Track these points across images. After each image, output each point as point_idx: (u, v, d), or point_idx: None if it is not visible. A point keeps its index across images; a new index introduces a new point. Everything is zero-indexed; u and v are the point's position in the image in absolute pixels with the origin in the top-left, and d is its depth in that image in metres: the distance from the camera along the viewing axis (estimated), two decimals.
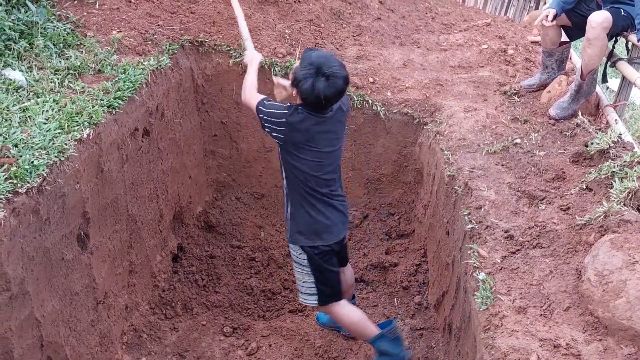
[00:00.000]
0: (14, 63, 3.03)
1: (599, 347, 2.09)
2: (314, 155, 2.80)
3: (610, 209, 2.56)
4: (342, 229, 3.05)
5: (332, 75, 2.59)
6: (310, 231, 2.95)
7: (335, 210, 2.96)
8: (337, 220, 2.98)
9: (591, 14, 3.43)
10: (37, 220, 2.33)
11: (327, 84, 2.58)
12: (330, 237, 2.98)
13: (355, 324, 3.13)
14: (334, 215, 2.96)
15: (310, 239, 2.96)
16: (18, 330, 2.26)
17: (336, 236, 3.01)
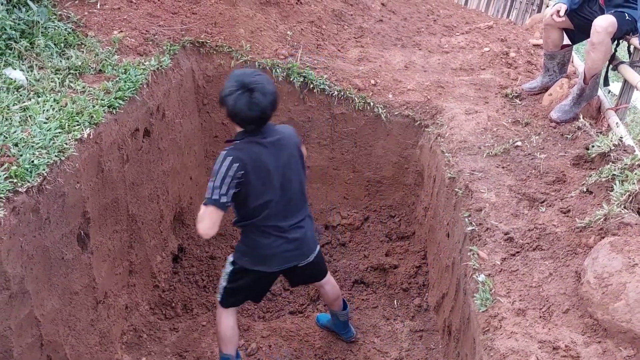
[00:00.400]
0: (14, 62, 3.03)
1: (598, 350, 2.09)
2: (262, 189, 2.70)
3: (611, 212, 2.56)
4: (293, 258, 2.93)
5: (254, 89, 2.54)
6: (254, 255, 2.88)
7: (286, 242, 2.85)
8: (288, 250, 2.87)
9: (596, 19, 3.41)
10: (37, 219, 2.33)
11: (250, 97, 2.53)
12: (274, 266, 2.91)
13: (222, 334, 3.08)
14: (285, 246, 2.86)
15: (252, 263, 2.89)
16: (17, 329, 2.26)
17: (282, 265, 2.92)
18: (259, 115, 2.58)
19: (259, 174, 2.67)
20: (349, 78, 4.41)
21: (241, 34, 4.48)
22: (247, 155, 2.63)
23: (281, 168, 2.74)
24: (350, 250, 4.50)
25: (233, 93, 2.55)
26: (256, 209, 2.76)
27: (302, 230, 2.91)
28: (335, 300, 3.41)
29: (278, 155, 2.72)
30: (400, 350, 3.59)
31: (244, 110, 2.55)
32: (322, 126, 4.44)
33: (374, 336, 3.77)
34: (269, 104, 2.58)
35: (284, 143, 2.76)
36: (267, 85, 2.60)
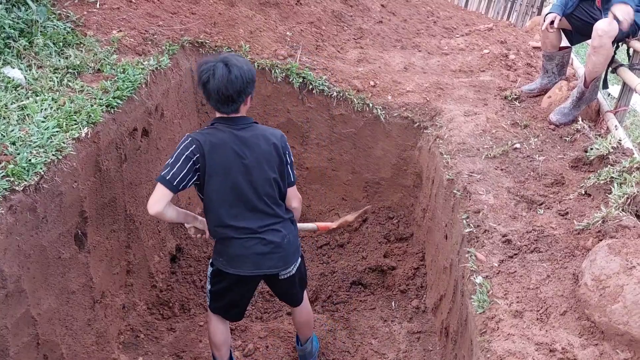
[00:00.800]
0: (13, 61, 3.03)
1: (595, 352, 2.08)
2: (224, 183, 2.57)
3: (609, 214, 2.56)
4: (269, 264, 2.71)
5: (230, 63, 2.47)
6: (226, 258, 2.72)
7: (260, 243, 2.67)
8: (262, 252, 2.68)
9: (597, 22, 3.41)
10: (34, 218, 2.32)
11: (227, 69, 2.45)
12: (245, 269, 2.70)
13: (212, 339, 3.00)
14: (259, 248, 2.67)
15: (223, 265, 2.73)
16: (14, 328, 2.25)
17: (253, 270, 2.71)
18: (227, 87, 2.46)
19: (218, 160, 2.54)
20: (348, 79, 4.41)
21: (240, 34, 4.48)
22: (207, 139, 2.53)
23: (250, 162, 2.58)
24: (348, 251, 4.49)
25: (210, 66, 2.47)
26: (213, 198, 2.61)
27: (280, 234, 2.70)
28: (302, 325, 3.22)
29: (248, 148, 2.58)
30: (398, 351, 3.59)
31: (213, 80, 2.45)
32: (321, 127, 4.44)
33: (372, 337, 3.77)
34: (239, 75, 2.47)
35: (260, 140, 2.61)
36: (246, 65, 2.52)
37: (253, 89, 2.60)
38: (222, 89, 2.47)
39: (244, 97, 2.56)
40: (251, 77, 2.53)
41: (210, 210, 2.67)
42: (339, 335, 3.78)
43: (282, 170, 2.70)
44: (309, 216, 4.63)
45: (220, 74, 2.45)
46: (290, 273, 2.85)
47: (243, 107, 2.61)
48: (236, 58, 2.53)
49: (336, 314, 4.03)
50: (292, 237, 2.79)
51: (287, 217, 2.79)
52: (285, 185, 2.75)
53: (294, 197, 2.82)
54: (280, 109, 4.42)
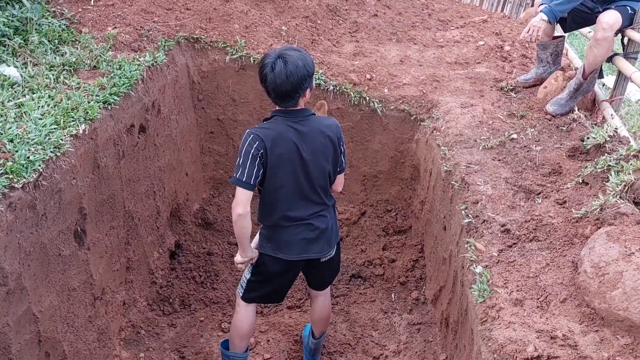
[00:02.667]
0: (8, 59, 3.02)
1: (595, 338, 2.10)
2: (284, 176, 2.65)
3: (607, 202, 2.57)
4: (315, 248, 2.84)
5: (286, 55, 2.50)
6: (274, 243, 2.82)
7: (309, 229, 2.79)
8: (310, 238, 2.80)
9: (602, 15, 3.40)
10: (33, 215, 2.32)
11: (282, 63, 2.48)
12: (292, 254, 2.82)
13: (241, 330, 3.02)
14: (307, 234, 2.79)
15: (273, 250, 2.82)
16: (16, 325, 2.26)
17: (300, 254, 2.83)
18: (283, 82, 2.49)
19: (280, 154, 2.61)
20: (345, 73, 4.40)
21: (236, 30, 4.47)
22: (269, 134, 2.59)
23: (307, 155, 2.65)
24: (347, 244, 4.50)
25: (269, 61, 2.51)
26: (272, 191, 2.70)
27: (325, 220, 2.84)
28: (321, 320, 3.26)
29: (307, 141, 2.64)
30: (399, 343, 3.61)
31: (270, 75, 2.50)
32: None
33: (372, 330, 3.79)
34: (293, 71, 2.49)
35: (317, 133, 2.67)
36: (301, 60, 2.52)
37: (310, 82, 2.62)
38: (278, 85, 2.52)
39: (301, 92, 2.59)
40: (306, 73, 2.54)
41: (268, 201, 2.75)
42: (340, 328, 3.80)
43: (335, 160, 2.80)
44: None
45: (277, 70, 2.49)
46: (330, 255, 2.97)
47: (302, 100, 2.64)
48: (293, 52, 2.55)
49: (336, 307, 4.04)
50: (334, 222, 2.94)
51: (331, 204, 2.91)
52: (336, 173, 2.86)
53: (341, 183, 2.94)
54: None
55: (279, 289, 3.06)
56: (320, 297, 3.22)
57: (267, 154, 2.59)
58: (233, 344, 3.07)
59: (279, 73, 2.48)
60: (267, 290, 3.00)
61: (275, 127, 2.62)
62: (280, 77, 2.49)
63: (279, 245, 2.82)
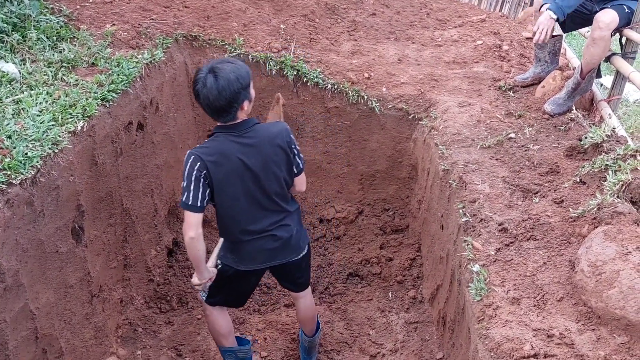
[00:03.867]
0: (7, 56, 3.01)
1: (592, 337, 2.10)
2: (235, 193, 2.59)
3: (604, 201, 2.58)
4: (278, 255, 2.82)
5: (217, 70, 2.41)
6: (237, 256, 2.78)
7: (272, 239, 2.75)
8: (266, 250, 2.77)
9: (598, 14, 3.40)
10: (31, 212, 2.32)
11: (214, 80, 2.40)
12: (256, 264, 2.80)
13: (219, 330, 3.02)
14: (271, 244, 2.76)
15: (234, 262, 2.79)
16: (12, 322, 2.25)
17: (264, 262, 2.81)
18: (215, 98, 2.41)
19: (225, 172, 2.53)
20: (343, 71, 4.40)
21: (234, 28, 4.47)
22: (209, 153, 2.50)
23: (257, 167, 2.59)
24: (344, 243, 4.51)
25: (200, 77, 2.43)
26: (226, 207, 2.64)
27: (289, 229, 2.79)
28: (306, 320, 3.25)
29: (254, 153, 2.56)
30: (396, 341, 3.61)
31: (201, 92, 2.41)
32: (316, 120, 4.44)
33: (369, 328, 3.79)
34: (225, 86, 2.40)
35: (264, 143, 2.59)
36: (233, 73, 2.43)
37: (247, 95, 2.52)
38: (211, 102, 2.43)
39: (237, 106, 2.49)
40: (240, 86, 2.44)
41: (223, 217, 2.70)
42: (337, 327, 3.80)
43: (289, 165, 2.72)
44: (304, 209, 4.64)
45: (209, 86, 2.40)
46: (297, 259, 2.92)
47: (240, 113, 2.54)
48: (226, 65, 2.46)
49: (333, 306, 4.05)
50: (299, 227, 2.88)
51: (294, 209, 2.85)
52: (293, 177, 2.78)
53: (301, 183, 2.85)
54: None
55: (242, 294, 3.05)
56: (300, 299, 3.18)
57: (210, 174, 2.51)
58: (222, 343, 3.07)
59: (210, 89, 2.39)
60: (229, 297, 2.98)
61: (216, 145, 2.54)
62: (212, 92, 2.40)
63: (241, 257, 2.78)
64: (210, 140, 2.58)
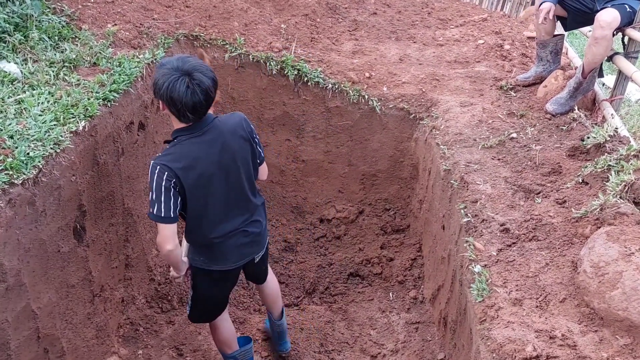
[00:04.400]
0: (9, 55, 3.01)
1: (594, 338, 2.10)
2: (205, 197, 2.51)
3: (607, 202, 2.57)
4: (249, 251, 2.80)
5: (195, 70, 2.33)
6: (207, 256, 2.71)
7: (235, 237, 2.70)
8: (238, 246, 2.73)
9: (600, 13, 3.39)
10: (33, 211, 2.32)
11: (193, 77, 2.31)
12: (229, 263, 2.74)
13: (224, 339, 3.02)
14: (242, 240, 2.72)
15: (206, 264, 2.72)
16: (14, 322, 2.25)
17: (239, 260, 2.77)
18: (202, 100, 2.34)
19: (195, 177, 2.45)
20: (344, 71, 4.40)
21: (235, 27, 4.46)
22: (178, 159, 2.41)
23: (228, 163, 2.53)
24: (345, 243, 4.50)
25: (168, 78, 2.30)
26: (198, 214, 2.56)
27: (259, 224, 2.79)
28: (275, 301, 3.28)
29: (219, 153, 2.49)
30: (397, 342, 3.61)
31: (184, 95, 2.29)
32: (317, 120, 4.43)
33: (370, 328, 3.79)
34: (211, 85, 2.36)
35: (227, 138, 2.52)
36: (204, 67, 2.37)
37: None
38: (197, 102, 2.33)
39: (211, 104, 2.45)
40: (216, 80, 2.42)
41: (193, 224, 2.61)
42: (338, 327, 3.80)
43: (254, 155, 2.69)
44: (305, 209, 4.64)
45: (192, 89, 2.30)
46: (262, 253, 2.95)
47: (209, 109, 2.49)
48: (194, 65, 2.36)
49: (334, 306, 4.05)
50: (265, 222, 2.90)
51: (260, 203, 2.84)
52: (257, 167, 2.76)
53: (265, 172, 2.86)
54: (276, 102, 4.41)
55: (224, 297, 2.98)
56: (266, 285, 3.24)
57: (181, 182, 2.41)
58: (224, 351, 3.07)
59: (199, 87, 2.31)
60: (214, 303, 2.93)
61: (181, 149, 2.43)
62: (200, 90, 2.32)
63: (211, 257, 2.71)
64: (173, 146, 2.46)
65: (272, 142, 4.54)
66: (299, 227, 4.59)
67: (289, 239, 4.48)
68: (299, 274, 4.30)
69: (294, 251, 4.45)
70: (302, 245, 4.49)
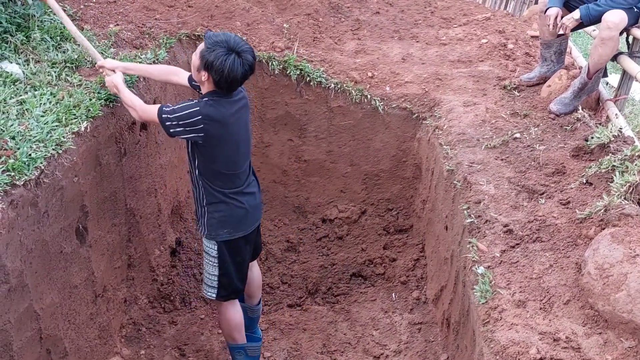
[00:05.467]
0: (10, 56, 3.00)
1: (599, 341, 2.09)
2: (232, 149, 2.76)
3: (611, 203, 2.56)
4: (259, 214, 3.05)
5: (243, 52, 2.61)
6: (230, 224, 2.87)
7: (250, 197, 2.92)
8: (253, 207, 2.94)
9: (607, 13, 3.37)
10: (35, 212, 2.31)
11: (241, 60, 2.60)
12: (247, 227, 2.94)
13: (232, 327, 3.08)
14: (250, 203, 2.92)
15: (230, 233, 2.88)
16: (17, 323, 2.25)
17: (253, 224, 2.99)
18: (248, 74, 2.68)
19: (225, 135, 2.70)
20: (346, 71, 4.39)
21: (237, 27, 4.46)
22: (217, 117, 2.65)
23: (244, 128, 2.82)
24: (347, 243, 4.50)
25: (227, 58, 2.57)
26: (224, 171, 2.79)
27: (255, 183, 3.00)
28: (259, 287, 3.41)
29: (242, 113, 2.80)
30: (399, 342, 3.60)
31: (240, 72, 2.60)
32: (320, 119, 4.43)
33: (373, 329, 3.78)
34: (254, 62, 2.69)
35: (244, 101, 2.83)
36: (247, 45, 2.67)
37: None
38: (246, 76, 2.66)
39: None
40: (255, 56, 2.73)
41: (215, 173, 2.79)
42: (340, 327, 3.80)
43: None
44: (308, 209, 4.63)
45: (245, 66, 2.61)
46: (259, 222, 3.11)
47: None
48: (241, 44, 2.62)
49: (337, 306, 4.04)
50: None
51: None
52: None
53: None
54: (278, 102, 4.40)
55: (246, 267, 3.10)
56: (254, 267, 3.32)
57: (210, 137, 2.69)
58: (235, 340, 3.09)
59: (249, 65, 2.63)
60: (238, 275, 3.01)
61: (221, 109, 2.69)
62: (250, 67, 2.64)
63: (236, 225, 2.89)
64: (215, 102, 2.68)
65: (274, 141, 4.53)
66: (301, 227, 4.59)
67: (291, 239, 4.47)
68: (301, 274, 4.29)
69: (297, 251, 4.44)
70: (305, 246, 4.49)
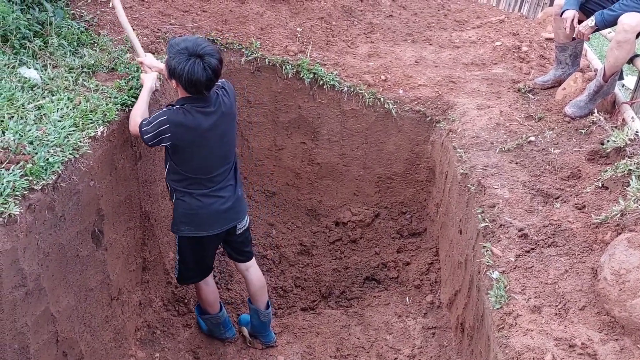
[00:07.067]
0: (29, 61, 3.05)
1: (615, 347, 2.07)
2: (202, 154, 2.84)
3: (627, 208, 2.54)
4: (231, 217, 3.08)
5: (205, 55, 2.66)
6: (193, 223, 2.98)
7: (219, 200, 2.98)
8: (221, 210, 3.00)
9: (623, 16, 3.34)
10: (52, 216, 2.35)
11: (202, 64, 2.64)
12: (213, 228, 3.02)
13: (204, 302, 3.38)
14: (217, 205, 2.98)
15: (191, 231, 3.00)
16: (34, 325, 2.28)
17: (222, 226, 3.05)
18: (212, 78, 2.71)
19: (194, 141, 2.78)
20: (359, 74, 4.39)
21: (251, 31, 4.48)
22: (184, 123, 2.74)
23: (219, 136, 2.87)
24: (361, 247, 4.49)
25: (187, 63, 2.63)
26: (190, 175, 2.88)
27: (232, 188, 3.04)
28: (260, 290, 3.45)
29: (218, 123, 2.85)
30: (413, 347, 3.59)
31: (201, 76, 2.65)
32: (332, 122, 4.43)
33: (387, 333, 3.77)
34: (218, 64, 2.72)
35: (225, 111, 2.89)
36: (211, 48, 2.72)
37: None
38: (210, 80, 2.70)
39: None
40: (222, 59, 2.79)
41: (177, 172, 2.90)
42: (354, 331, 3.80)
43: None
44: (321, 212, 4.63)
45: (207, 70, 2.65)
46: (244, 226, 3.22)
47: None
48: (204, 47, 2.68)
49: (350, 310, 4.04)
50: (240, 190, 3.15)
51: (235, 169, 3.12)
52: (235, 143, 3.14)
53: None
54: (291, 105, 4.42)
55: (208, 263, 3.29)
56: (250, 269, 3.40)
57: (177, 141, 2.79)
58: (207, 312, 3.42)
59: (210, 68, 2.66)
60: (197, 263, 3.19)
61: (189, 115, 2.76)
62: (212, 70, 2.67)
63: (198, 225, 2.99)
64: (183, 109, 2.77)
65: (287, 145, 4.54)
66: (314, 230, 4.59)
67: (304, 242, 4.48)
68: (314, 278, 4.30)
69: (310, 254, 4.45)
70: (318, 249, 4.49)
